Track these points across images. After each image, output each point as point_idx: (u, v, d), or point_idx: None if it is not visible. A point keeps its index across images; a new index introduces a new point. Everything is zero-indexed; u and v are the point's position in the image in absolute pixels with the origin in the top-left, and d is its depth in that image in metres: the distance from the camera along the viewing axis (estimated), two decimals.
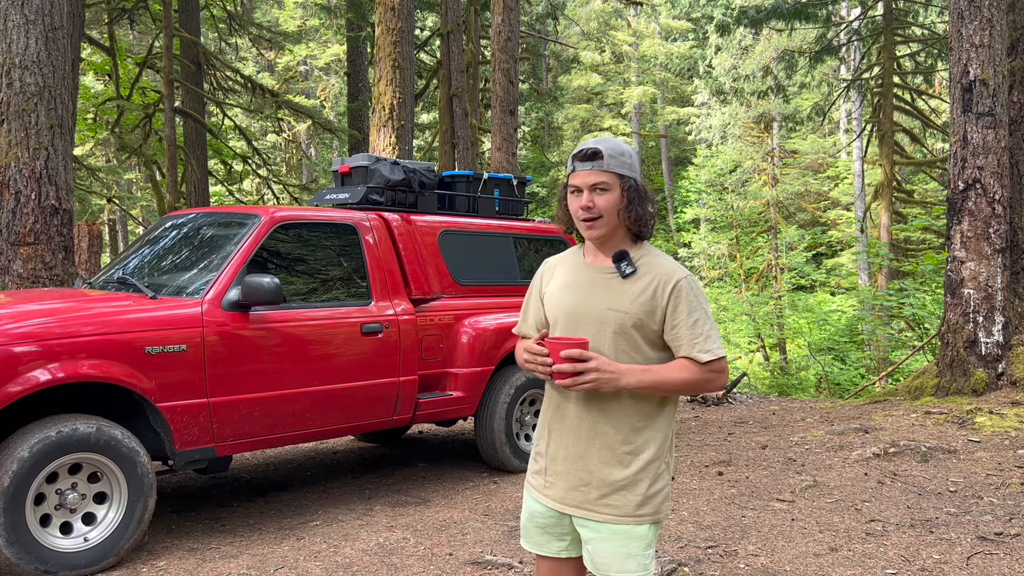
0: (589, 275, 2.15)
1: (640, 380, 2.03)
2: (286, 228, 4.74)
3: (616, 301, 2.09)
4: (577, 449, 2.11)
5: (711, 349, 2.06)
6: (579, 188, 2.10)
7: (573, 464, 2.12)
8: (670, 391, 2.07)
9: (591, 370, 1.99)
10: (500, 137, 11.28)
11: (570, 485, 2.13)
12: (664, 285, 2.08)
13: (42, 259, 6.23)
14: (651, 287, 2.09)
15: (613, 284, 2.11)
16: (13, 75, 6.19)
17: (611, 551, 2.09)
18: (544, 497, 2.18)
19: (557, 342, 2.02)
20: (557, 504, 2.16)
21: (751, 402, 8.99)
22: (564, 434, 2.14)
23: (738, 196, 24.64)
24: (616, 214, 2.09)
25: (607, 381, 2.00)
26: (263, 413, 4.36)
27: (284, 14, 26.16)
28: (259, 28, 16.20)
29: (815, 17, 16.97)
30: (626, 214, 2.09)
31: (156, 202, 15.49)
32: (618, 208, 2.09)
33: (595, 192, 2.08)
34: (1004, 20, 7.35)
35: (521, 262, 5.99)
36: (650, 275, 2.10)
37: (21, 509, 3.55)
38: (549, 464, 2.17)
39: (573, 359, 1.99)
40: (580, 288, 2.15)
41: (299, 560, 3.94)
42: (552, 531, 2.20)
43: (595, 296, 2.11)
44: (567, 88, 31.43)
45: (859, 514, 4.59)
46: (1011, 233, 7.44)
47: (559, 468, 2.15)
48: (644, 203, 2.11)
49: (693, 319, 2.07)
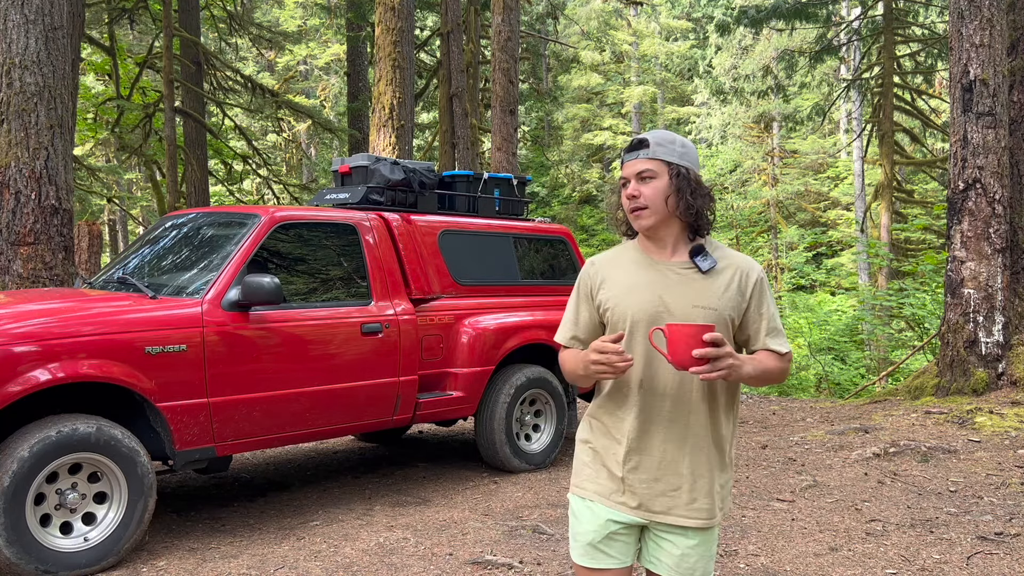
0: (662, 272, 2.02)
1: (753, 369, 1.94)
2: (286, 228, 4.74)
3: (702, 298, 1.98)
4: (666, 453, 2.00)
5: (783, 342, 2.04)
6: (627, 179, 2.02)
7: (663, 469, 2.00)
8: (764, 381, 2.01)
9: (727, 355, 1.83)
10: (500, 137, 11.28)
11: (658, 492, 2.00)
12: (747, 278, 2.02)
13: (42, 259, 6.23)
14: (735, 280, 2.01)
15: (694, 280, 2.00)
16: (13, 75, 6.19)
17: (697, 555, 2.03)
18: (617, 505, 2.03)
19: (687, 327, 1.84)
20: (638, 512, 2.02)
21: (751, 402, 8.99)
22: (648, 437, 2.01)
23: (738, 196, 24.66)
24: (664, 202, 1.98)
25: (736, 368, 1.86)
26: (263, 413, 4.36)
27: (284, 14, 26.16)
28: (259, 28, 16.19)
29: (815, 17, 16.99)
30: (676, 202, 1.99)
31: (156, 202, 15.51)
32: (666, 196, 1.98)
33: (641, 181, 2.00)
34: (1004, 20, 7.35)
35: (521, 262, 5.99)
36: (731, 268, 2.03)
37: (21, 509, 3.55)
38: (629, 473, 2.02)
39: (716, 343, 1.83)
40: (655, 286, 2.01)
41: (299, 560, 3.94)
42: (624, 539, 2.06)
43: (677, 294, 1.99)
44: (567, 88, 31.44)
45: (859, 514, 4.59)
46: (1011, 233, 7.44)
47: (643, 475, 2.01)
48: (697, 193, 2.00)
49: (772, 312, 2.04)
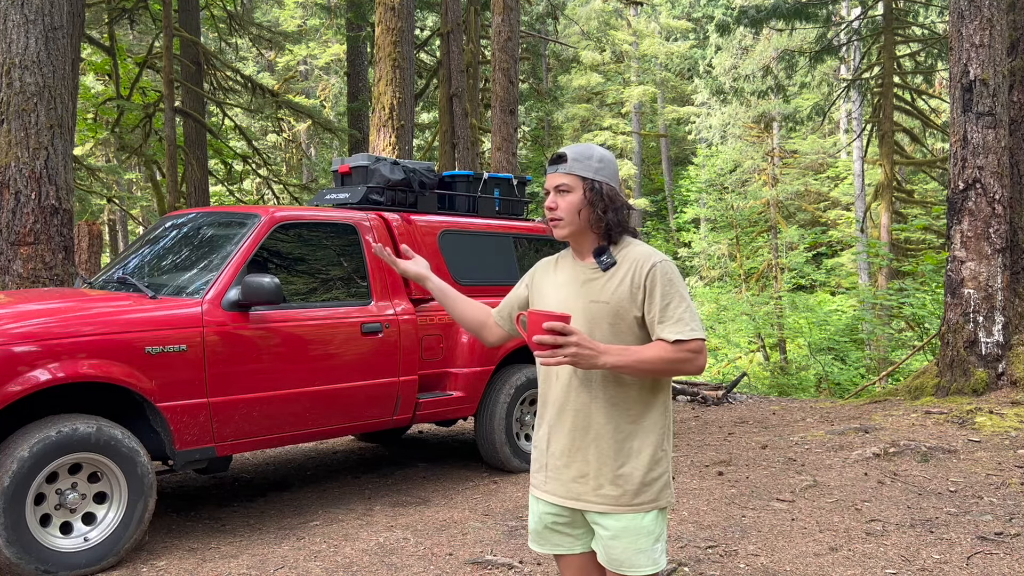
0: (575, 273, 2.20)
1: (619, 359, 2.02)
2: (286, 228, 4.74)
3: (598, 294, 2.13)
4: (574, 441, 2.14)
5: (682, 330, 2.06)
6: (548, 191, 2.18)
7: (571, 456, 2.14)
8: (649, 372, 2.06)
9: (571, 344, 1.96)
10: (500, 137, 11.28)
11: (570, 478, 2.15)
12: (640, 269, 2.12)
13: (42, 259, 6.23)
14: (629, 274, 2.13)
15: (596, 278, 2.16)
16: (13, 75, 6.19)
17: (620, 546, 2.11)
18: (545, 493, 2.20)
19: (539, 314, 1.99)
20: (560, 499, 2.17)
21: (751, 402, 8.99)
22: (561, 427, 2.16)
23: (738, 196, 24.65)
24: (576, 215, 2.14)
25: (586, 357, 1.98)
26: (263, 413, 4.36)
27: (284, 14, 26.16)
28: (259, 28, 16.19)
29: (815, 17, 16.98)
30: (588, 215, 2.13)
31: (156, 202, 15.50)
32: (579, 209, 2.13)
33: (558, 194, 2.15)
34: (1004, 20, 7.35)
35: (521, 262, 5.99)
36: (627, 263, 2.14)
37: (21, 509, 3.55)
38: (549, 459, 2.19)
39: (555, 331, 1.96)
40: (568, 286, 2.19)
41: (299, 560, 3.94)
42: (563, 528, 2.20)
43: (581, 292, 2.16)
44: (567, 88, 31.43)
45: (859, 514, 4.59)
46: (1011, 233, 7.44)
47: (558, 462, 2.17)
48: (609, 207, 2.13)
49: (666, 302, 2.09)
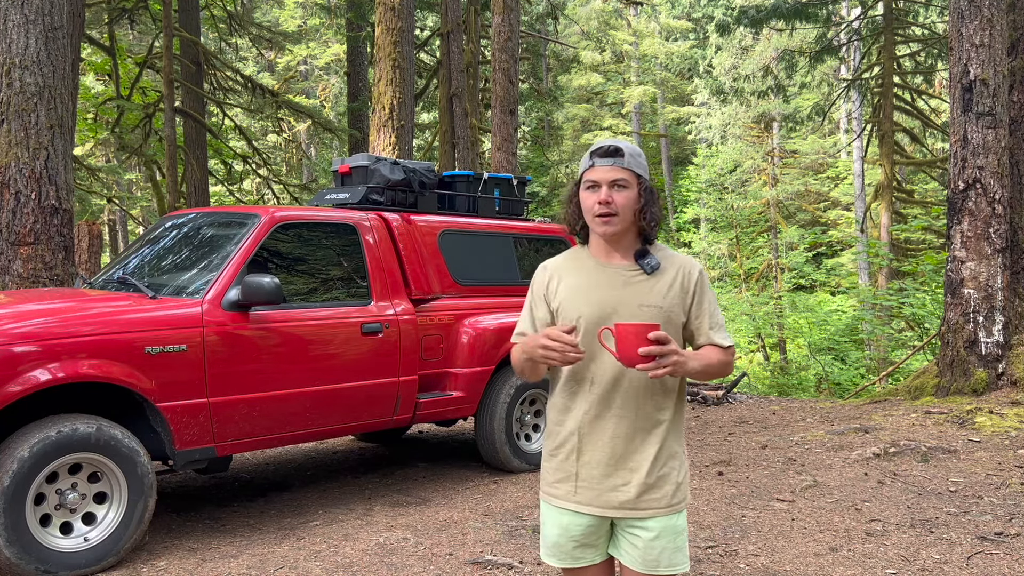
0: (610, 275, 2.14)
1: (698, 364, 2.05)
2: (286, 228, 4.74)
3: (648, 297, 2.10)
4: (615, 449, 2.09)
5: (726, 336, 2.17)
6: (597, 183, 2.09)
7: (613, 465, 2.09)
8: (708, 375, 2.13)
9: (673, 352, 1.93)
10: (500, 137, 11.28)
11: (610, 487, 2.09)
12: (688, 276, 2.15)
13: (42, 259, 6.23)
14: (678, 279, 2.14)
15: (640, 281, 2.13)
16: (13, 75, 6.19)
17: (660, 546, 2.11)
18: (578, 504, 2.12)
19: (632, 326, 1.93)
20: (598, 509, 2.11)
21: (751, 402, 8.99)
22: (599, 435, 2.10)
23: (738, 196, 24.66)
24: (632, 213, 2.11)
25: (682, 364, 1.96)
26: (263, 413, 4.36)
27: (284, 14, 26.16)
28: (259, 28, 16.19)
29: (815, 17, 16.97)
30: (641, 214, 2.12)
31: (156, 202, 15.50)
32: (635, 207, 2.11)
33: (614, 188, 2.09)
34: (1004, 20, 7.35)
35: (521, 262, 5.98)
36: (673, 268, 2.15)
37: (21, 509, 3.55)
38: (581, 469, 2.12)
39: (661, 341, 1.91)
40: (603, 288, 2.12)
41: (299, 560, 3.94)
42: (590, 540, 2.15)
43: (625, 295, 2.10)
44: (567, 88, 31.42)
45: (859, 514, 4.59)
46: (1011, 233, 7.44)
47: (595, 472, 2.10)
48: (657, 205, 2.15)
49: (713, 307, 2.17)
